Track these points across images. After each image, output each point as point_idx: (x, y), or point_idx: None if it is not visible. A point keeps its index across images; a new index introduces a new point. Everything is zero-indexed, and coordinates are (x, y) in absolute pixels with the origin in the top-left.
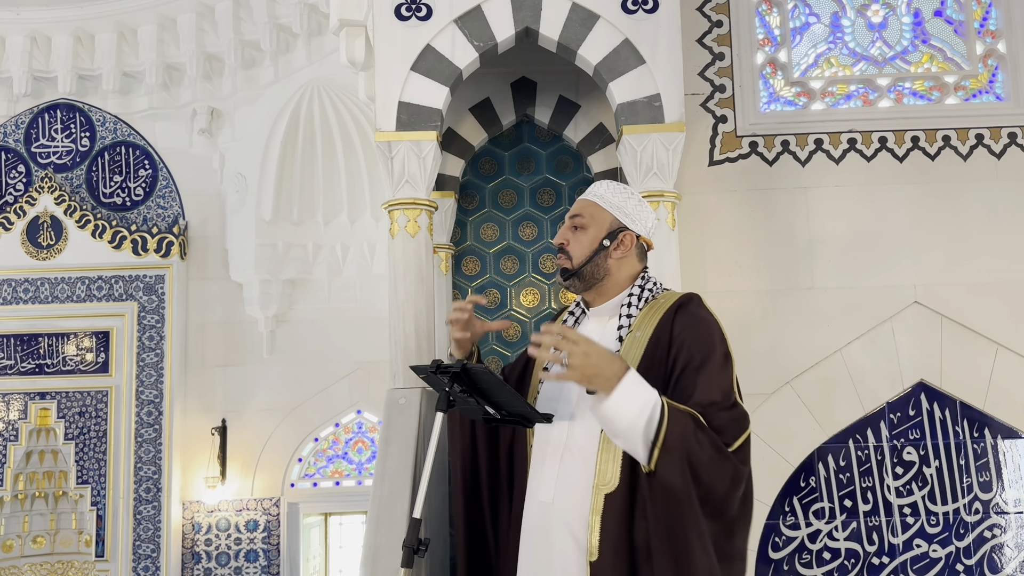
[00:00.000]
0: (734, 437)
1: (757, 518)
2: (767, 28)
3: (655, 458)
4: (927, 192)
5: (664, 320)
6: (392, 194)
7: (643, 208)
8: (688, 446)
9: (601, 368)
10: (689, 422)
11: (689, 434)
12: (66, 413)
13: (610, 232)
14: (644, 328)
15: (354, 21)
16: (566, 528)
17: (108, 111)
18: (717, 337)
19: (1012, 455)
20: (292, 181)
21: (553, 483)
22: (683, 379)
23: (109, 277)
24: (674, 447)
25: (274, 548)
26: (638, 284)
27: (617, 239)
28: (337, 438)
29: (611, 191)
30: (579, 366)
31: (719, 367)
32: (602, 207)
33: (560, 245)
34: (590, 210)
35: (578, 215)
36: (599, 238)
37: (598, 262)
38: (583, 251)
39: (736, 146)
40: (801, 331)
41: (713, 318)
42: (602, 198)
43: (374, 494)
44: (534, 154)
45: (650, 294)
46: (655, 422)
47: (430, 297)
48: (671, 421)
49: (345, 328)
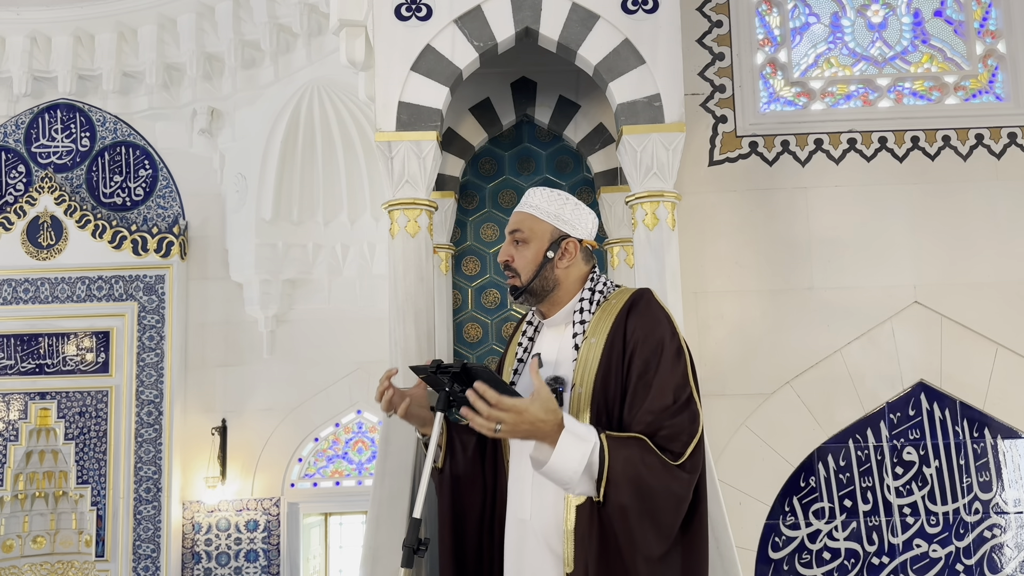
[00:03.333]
0: (686, 444)
1: (757, 518)
2: (767, 28)
3: (602, 491)
4: (927, 192)
5: (617, 322)
6: (392, 194)
7: (580, 212)
8: (632, 472)
9: (534, 429)
10: (633, 449)
11: (634, 461)
12: (66, 413)
13: (552, 243)
14: (599, 333)
15: (354, 21)
16: (544, 542)
17: (108, 111)
18: (668, 334)
19: (1012, 455)
20: (292, 181)
21: (529, 499)
22: (638, 387)
23: (109, 277)
24: (618, 478)
25: (274, 548)
26: (588, 287)
27: (560, 248)
28: (337, 438)
29: (546, 200)
30: (511, 430)
31: (670, 367)
32: (540, 218)
33: (505, 263)
34: (528, 223)
35: (517, 230)
36: (542, 251)
37: (545, 275)
38: (528, 266)
39: (736, 146)
40: (801, 331)
41: (664, 314)
42: (538, 208)
43: (374, 494)
44: (534, 154)
45: (601, 296)
46: (596, 464)
47: (430, 297)
48: (612, 458)
49: (345, 328)
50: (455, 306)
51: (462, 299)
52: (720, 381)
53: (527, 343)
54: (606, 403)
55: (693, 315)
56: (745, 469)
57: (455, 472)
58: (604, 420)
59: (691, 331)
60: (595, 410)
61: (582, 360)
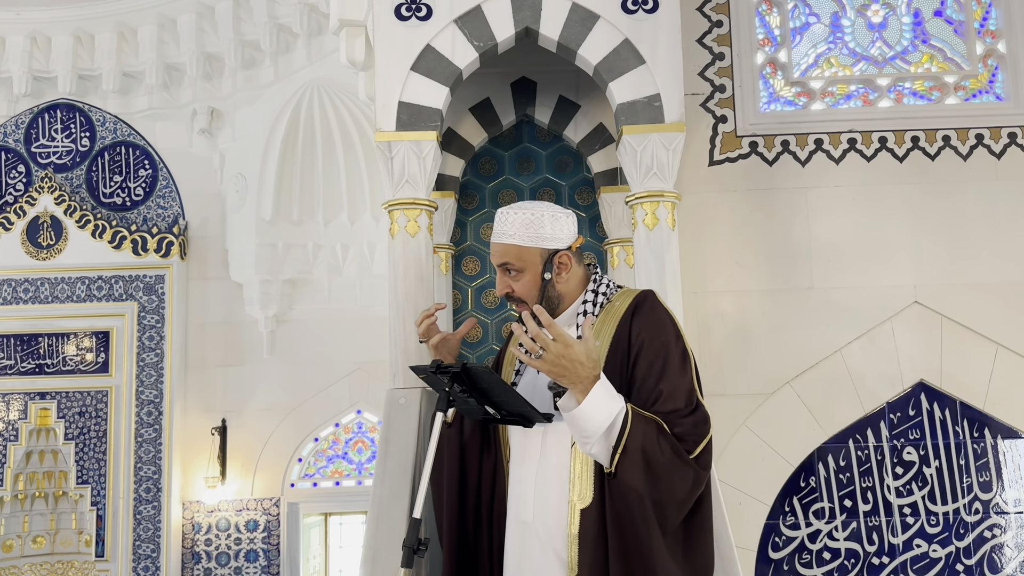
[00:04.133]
0: (695, 444)
1: (757, 518)
2: (767, 28)
3: (615, 460)
4: (927, 192)
5: (621, 325)
6: (392, 194)
7: (558, 222)
8: (648, 449)
9: (571, 369)
10: (652, 428)
11: (651, 438)
12: (66, 413)
13: (545, 263)
14: (603, 336)
15: (354, 21)
16: (548, 545)
17: (108, 111)
18: (673, 337)
19: (1012, 455)
20: (292, 181)
21: (532, 502)
22: (644, 388)
23: (109, 277)
24: (634, 450)
25: (274, 548)
26: (590, 290)
27: (555, 265)
28: (337, 438)
29: (523, 227)
30: (551, 360)
31: (678, 371)
32: (524, 246)
33: (507, 294)
34: (514, 253)
35: (506, 263)
36: (538, 275)
37: (549, 294)
38: (531, 292)
39: (736, 146)
40: (801, 331)
41: (668, 317)
42: (518, 237)
43: (374, 494)
44: (534, 154)
45: (604, 298)
46: (617, 427)
47: (430, 297)
48: (633, 427)
49: (345, 328)
50: (455, 306)
51: (462, 299)
52: (720, 381)
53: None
54: None
55: (693, 315)
56: (745, 469)
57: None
58: None
59: (691, 331)
60: None
61: None
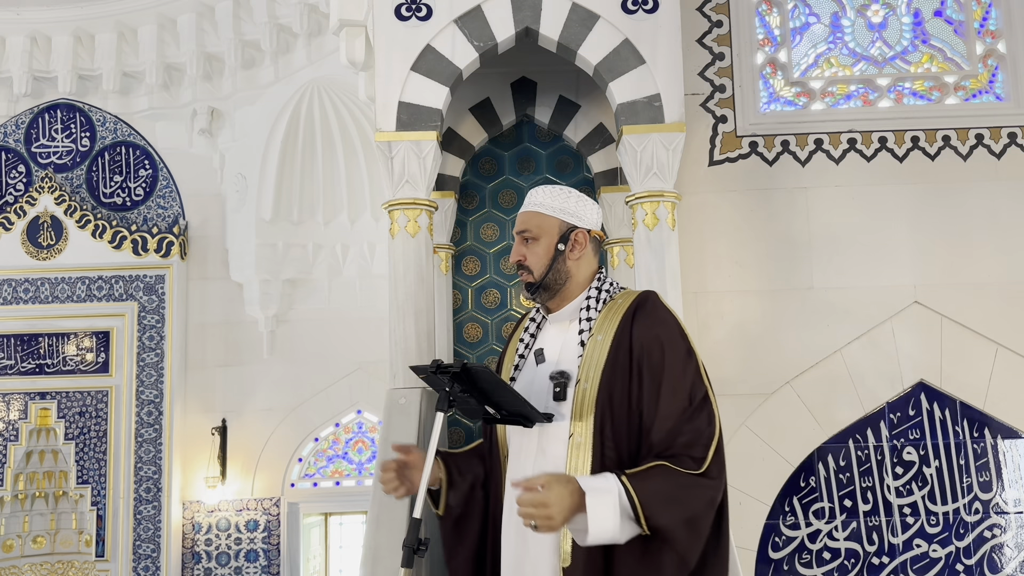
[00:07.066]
0: (707, 447)
1: (757, 518)
2: (767, 28)
3: (644, 524)
4: (927, 192)
5: (623, 322)
6: (392, 194)
7: (585, 203)
8: (665, 493)
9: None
10: (656, 477)
11: (659, 485)
12: (66, 413)
13: (562, 236)
14: (605, 332)
15: (354, 21)
16: (544, 537)
17: (108, 111)
18: (676, 335)
19: (1012, 455)
20: (292, 181)
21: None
22: (651, 391)
23: (109, 277)
24: (653, 507)
25: (274, 548)
26: (595, 286)
27: (571, 240)
28: (337, 438)
29: (550, 196)
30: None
31: (682, 368)
32: (546, 214)
33: (518, 262)
34: (536, 220)
35: (525, 229)
36: (553, 245)
37: (558, 267)
38: (541, 262)
39: (736, 146)
40: (801, 331)
41: (671, 316)
42: (543, 205)
43: (374, 494)
44: (534, 154)
45: (607, 295)
46: (628, 505)
47: (430, 297)
48: (639, 492)
49: (345, 328)
50: (455, 306)
51: (462, 299)
52: (720, 381)
53: (529, 339)
54: (611, 402)
55: (693, 315)
56: (745, 469)
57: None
58: (609, 421)
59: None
60: (600, 409)
61: (588, 356)
